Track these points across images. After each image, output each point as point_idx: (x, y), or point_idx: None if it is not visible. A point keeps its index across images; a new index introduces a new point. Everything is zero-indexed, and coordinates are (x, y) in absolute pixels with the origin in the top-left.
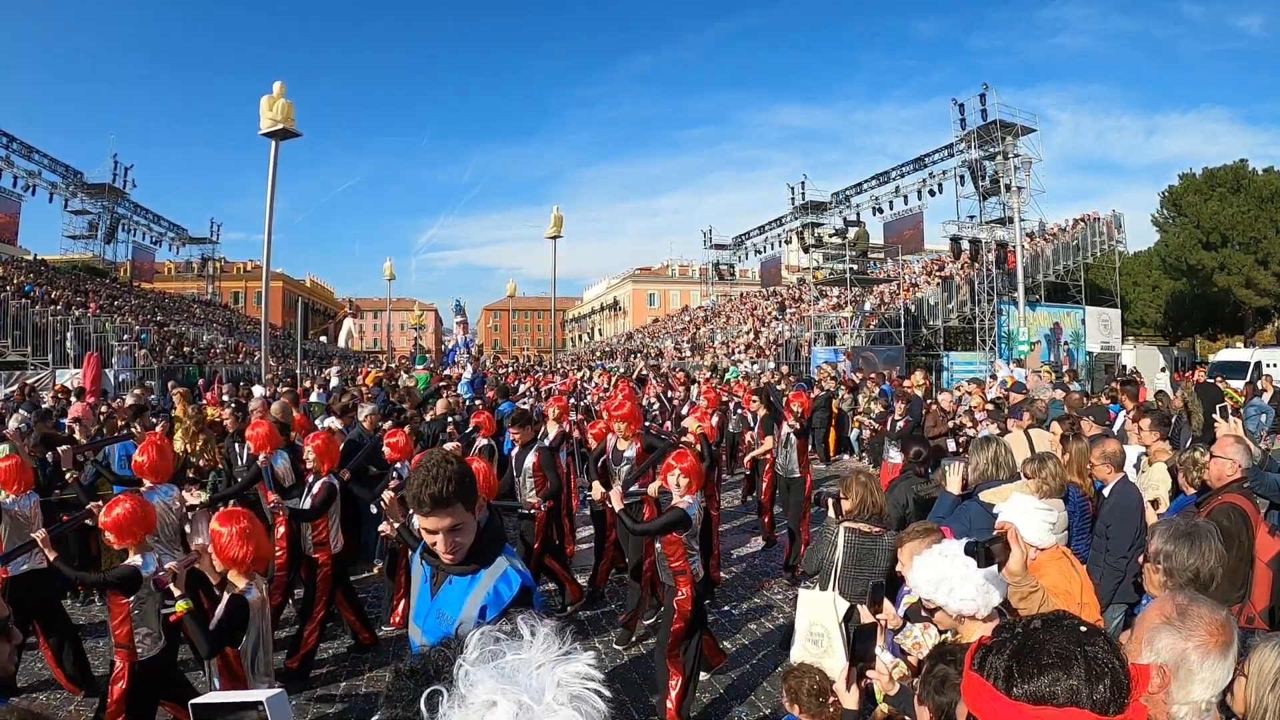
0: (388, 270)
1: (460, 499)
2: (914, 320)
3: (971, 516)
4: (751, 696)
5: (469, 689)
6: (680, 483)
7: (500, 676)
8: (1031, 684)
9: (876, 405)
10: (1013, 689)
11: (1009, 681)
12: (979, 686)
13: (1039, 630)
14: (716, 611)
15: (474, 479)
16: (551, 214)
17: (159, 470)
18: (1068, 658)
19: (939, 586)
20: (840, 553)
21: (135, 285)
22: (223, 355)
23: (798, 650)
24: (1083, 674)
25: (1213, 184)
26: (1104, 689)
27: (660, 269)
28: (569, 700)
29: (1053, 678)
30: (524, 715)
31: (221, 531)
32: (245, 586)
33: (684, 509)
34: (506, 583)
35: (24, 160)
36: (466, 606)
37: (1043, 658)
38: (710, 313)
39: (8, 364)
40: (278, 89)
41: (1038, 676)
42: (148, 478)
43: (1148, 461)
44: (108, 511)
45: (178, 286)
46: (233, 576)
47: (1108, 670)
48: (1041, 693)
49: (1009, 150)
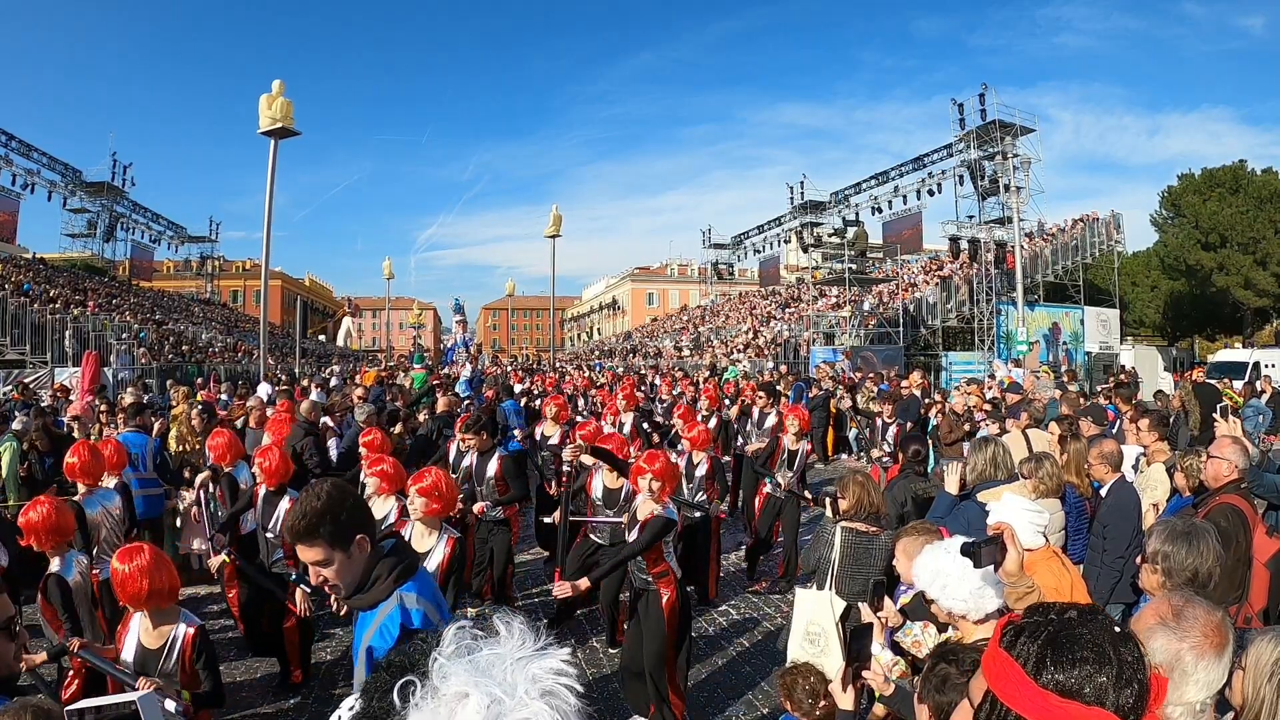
0: (387, 269)
1: (320, 536)
2: (913, 320)
3: (970, 517)
4: (749, 695)
5: (442, 681)
6: (654, 486)
7: (474, 670)
8: (1062, 674)
9: (875, 405)
10: (1042, 675)
11: (1039, 667)
12: (1006, 666)
13: (1075, 621)
14: (713, 609)
15: (350, 514)
16: (551, 213)
17: (90, 472)
18: (1102, 656)
19: (935, 580)
20: (837, 552)
21: (134, 284)
22: (222, 354)
23: (794, 649)
24: (1114, 675)
25: (1212, 184)
26: (1130, 695)
27: (659, 268)
28: (541, 695)
29: (1085, 673)
30: (495, 708)
31: (119, 569)
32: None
33: (665, 514)
34: (392, 623)
35: (23, 158)
36: (361, 642)
37: (1077, 650)
38: (709, 312)
39: (6, 362)
40: (277, 87)
41: (1070, 669)
42: (80, 480)
43: (1146, 462)
44: (24, 513)
45: (176, 285)
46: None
47: (1136, 678)
48: (1070, 686)
49: (1008, 150)
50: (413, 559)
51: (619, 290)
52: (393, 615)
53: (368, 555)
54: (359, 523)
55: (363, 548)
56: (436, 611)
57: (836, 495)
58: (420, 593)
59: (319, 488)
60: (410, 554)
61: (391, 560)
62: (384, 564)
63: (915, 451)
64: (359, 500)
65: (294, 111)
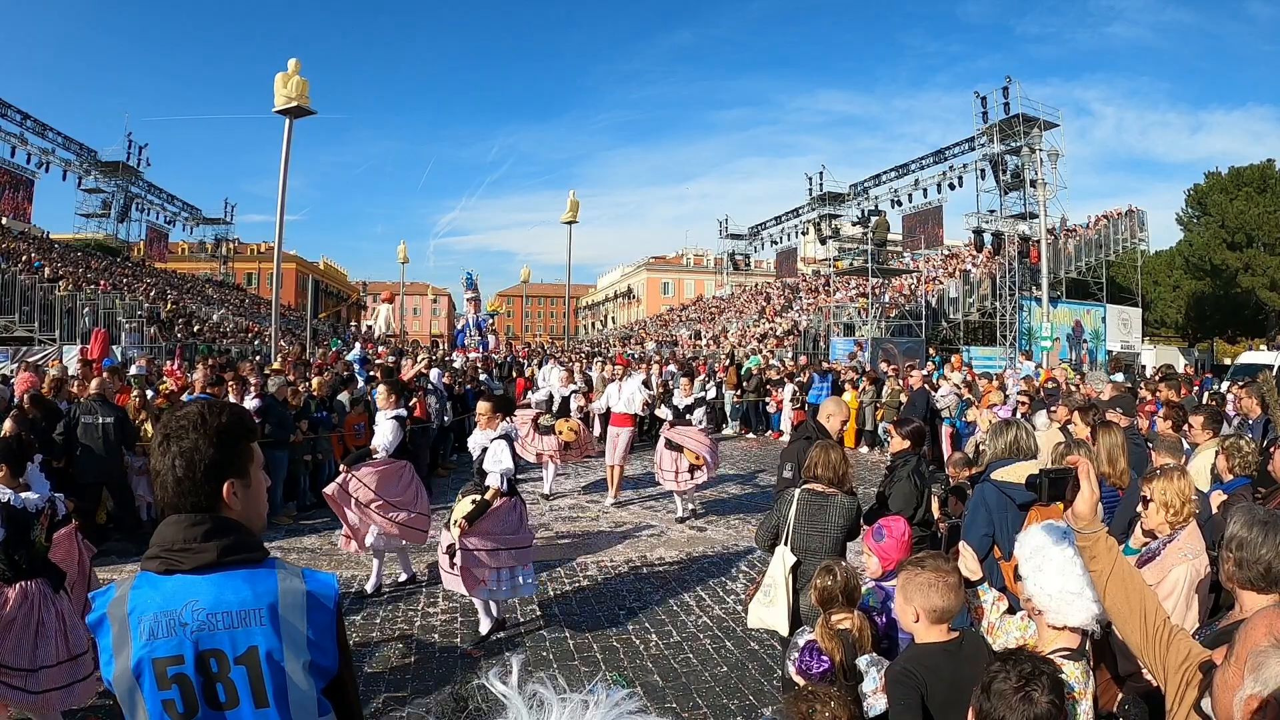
0: (401, 252)
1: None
2: (934, 314)
3: (990, 502)
4: (748, 694)
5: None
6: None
7: None
8: None
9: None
10: None
11: None
12: None
13: None
14: (723, 609)
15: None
16: (568, 199)
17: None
18: None
19: (1033, 558)
20: (794, 510)
21: (148, 264)
22: (233, 334)
23: (753, 605)
24: None
25: (1239, 183)
26: None
27: (675, 258)
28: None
29: None
30: None
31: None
32: None
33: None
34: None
35: (38, 138)
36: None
37: None
38: (725, 302)
39: (15, 339)
40: (293, 66)
41: None
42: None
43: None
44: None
45: (190, 266)
46: None
47: None
48: None
49: (1033, 144)
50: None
51: (634, 279)
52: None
53: None
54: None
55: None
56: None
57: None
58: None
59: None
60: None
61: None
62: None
63: (917, 430)
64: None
65: (310, 90)
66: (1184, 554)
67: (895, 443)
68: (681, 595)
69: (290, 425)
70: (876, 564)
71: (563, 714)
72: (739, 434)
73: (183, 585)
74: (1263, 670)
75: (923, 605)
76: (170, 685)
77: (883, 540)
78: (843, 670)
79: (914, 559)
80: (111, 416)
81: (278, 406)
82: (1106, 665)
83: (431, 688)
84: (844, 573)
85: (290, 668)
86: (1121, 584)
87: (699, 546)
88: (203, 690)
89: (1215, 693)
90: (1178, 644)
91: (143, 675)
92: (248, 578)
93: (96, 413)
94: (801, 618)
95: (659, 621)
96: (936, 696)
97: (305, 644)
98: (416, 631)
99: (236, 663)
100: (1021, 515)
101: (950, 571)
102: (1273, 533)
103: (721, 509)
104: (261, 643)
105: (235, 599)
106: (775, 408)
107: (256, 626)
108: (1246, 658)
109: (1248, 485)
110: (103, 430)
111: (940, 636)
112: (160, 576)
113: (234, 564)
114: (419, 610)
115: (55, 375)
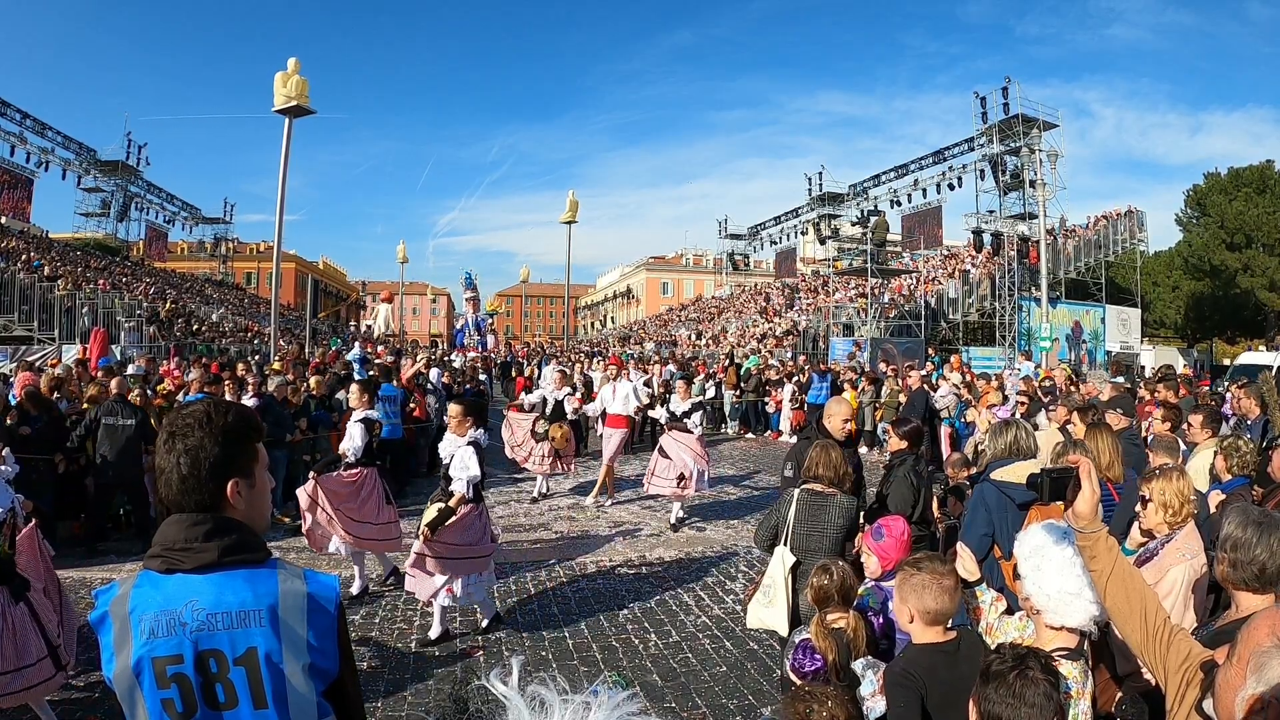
0: (400, 252)
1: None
2: (933, 314)
3: (989, 502)
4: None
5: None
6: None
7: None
8: None
9: (900, 397)
10: None
11: None
12: None
13: None
14: (722, 609)
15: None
16: (568, 199)
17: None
18: None
19: (1032, 557)
20: (794, 511)
21: (147, 264)
22: (232, 334)
23: (752, 605)
24: None
25: (1238, 184)
26: None
27: (674, 258)
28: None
29: None
30: None
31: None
32: None
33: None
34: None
35: (37, 137)
36: None
37: None
38: (724, 303)
39: (14, 339)
40: (292, 65)
41: None
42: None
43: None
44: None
45: (190, 266)
46: None
47: None
48: None
49: (1032, 144)
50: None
51: (633, 279)
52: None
53: None
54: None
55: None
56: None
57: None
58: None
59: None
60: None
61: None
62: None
63: (915, 429)
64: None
65: (309, 90)
66: (1182, 554)
67: (893, 443)
68: (681, 595)
69: (288, 424)
70: (876, 564)
71: (564, 715)
72: (738, 434)
73: (183, 585)
74: (1265, 670)
75: (918, 607)
76: (169, 684)
77: (882, 540)
78: (836, 669)
79: (911, 560)
80: (133, 419)
81: (275, 406)
82: (1105, 665)
83: (432, 688)
84: (840, 572)
85: (289, 670)
86: (1122, 584)
87: (698, 546)
88: (201, 690)
89: (1217, 692)
90: (1178, 644)
91: (142, 674)
92: (248, 578)
93: (118, 414)
94: (801, 618)
95: (658, 621)
96: (934, 697)
97: (305, 647)
98: (416, 631)
99: (235, 663)
100: (1021, 515)
101: (946, 574)
102: (1267, 533)
103: (721, 509)
104: (260, 644)
105: (235, 599)
106: (774, 408)
107: (255, 628)
108: (1249, 657)
109: (1246, 485)
110: (124, 432)
111: (937, 637)
112: (162, 575)
113: (235, 564)
114: (418, 610)
115: (57, 374)
